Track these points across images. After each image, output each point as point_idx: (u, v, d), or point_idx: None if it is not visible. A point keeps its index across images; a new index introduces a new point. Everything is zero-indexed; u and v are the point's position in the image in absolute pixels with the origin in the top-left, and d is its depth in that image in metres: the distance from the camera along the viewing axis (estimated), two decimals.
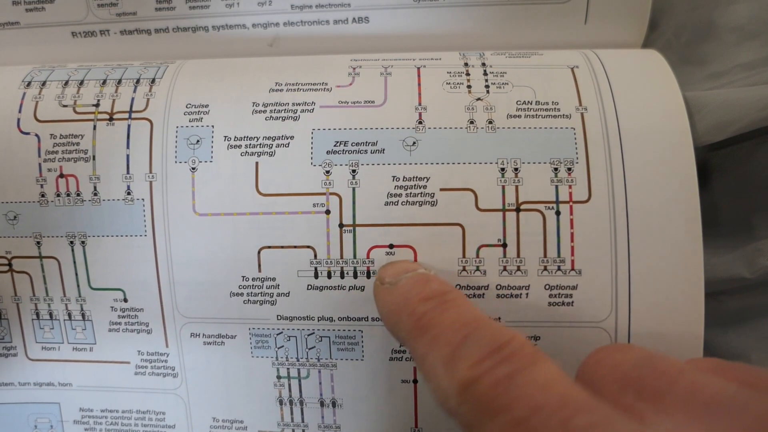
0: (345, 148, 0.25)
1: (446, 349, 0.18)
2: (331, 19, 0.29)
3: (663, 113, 0.25)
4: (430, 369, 0.18)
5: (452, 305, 0.20)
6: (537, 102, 0.25)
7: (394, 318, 0.21)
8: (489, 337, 0.17)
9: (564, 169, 0.24)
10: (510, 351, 0.16)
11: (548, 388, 0.15)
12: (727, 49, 0.29)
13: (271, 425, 0.27)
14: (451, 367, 0.17)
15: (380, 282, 0.23)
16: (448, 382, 0.17)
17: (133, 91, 0.27)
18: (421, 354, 0.19)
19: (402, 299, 0.21)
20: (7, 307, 0.27)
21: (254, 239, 0.25)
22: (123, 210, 0.26)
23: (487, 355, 0.17)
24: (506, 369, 0.16)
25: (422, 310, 0.20)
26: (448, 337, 0.18)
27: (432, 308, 0.20)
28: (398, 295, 0.21)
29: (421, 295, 0.20)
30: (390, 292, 0.22)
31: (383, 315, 0.22)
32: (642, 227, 0.24)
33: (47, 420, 0.28)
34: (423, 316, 0.20)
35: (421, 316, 0.20)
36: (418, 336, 0.19)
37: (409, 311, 0.20)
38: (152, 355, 0.27)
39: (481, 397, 0.16)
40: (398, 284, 0.22)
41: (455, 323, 0.19)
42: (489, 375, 0.16)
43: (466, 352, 0.17)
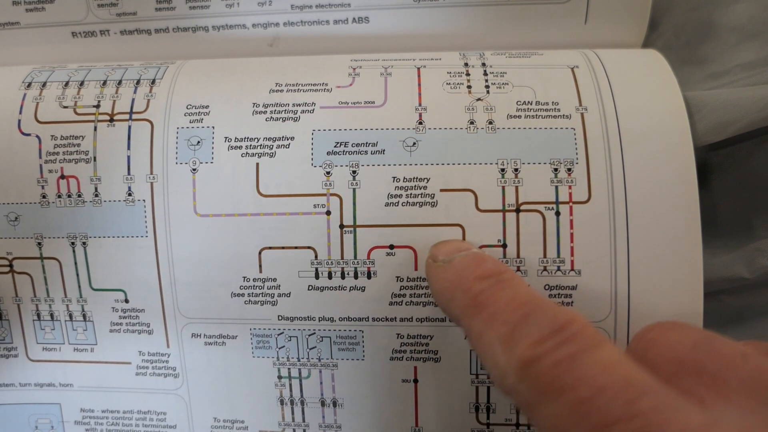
0: (345, 148, 0.25)
1: (504, 328, 0.17)
2: (331, 19, 0.29)
3: (663, 113, 0.25)
4: (486, 347, 0.18)
5: (509, 284, 0.19)
6: (537, 102, 0.25)
7: (448, 295, 0.21)
8: (550, 316, 0.17)
9: (564, 170, 0.24)
10: (572, 332, 0.16)
11: (612, 370, 0.15)
12: (727, 49, 0.29)
13: (271, 425, 0.27)
14: (511, 346, 0.17)
15: (433, 260, 0.23)
16: (507, 360, 0.17)
17: (133, 92, 0.27)
18: (477, 332, 0.18)
19: (457, 277, 0.21)
20: (8, 307, 0.27)
21: (255, 240, 0.25)
22: (124, 211, 0.26)
23: (548, 335, 0.16)
24: (569, 349, 0.16)
25: (478, 288, 0.19)
26: (506, 315, 0.18)
27: (488, 287, 0.19)
28: (453, 273, 0.21)
29: (477, 273, 0.20)
30: (444, 269, 0.22)
31: (436, 292, 0.22)
32: (641, 227, 0.24)
33: (48, 420, 0.28)
34: (479, 294, 0.19)
35: (477, 294, 0.19)
36: (473, 314, 0.19)
37: (465, 288, 0.20)
38: (153, 355, 0.27)
39: (543, 376, 0.16)
40: (453, 262, 0.22)
41: (513, 302, 0.18)
42: (551, 354, 0.16)
43: (527, 331, 0.17)
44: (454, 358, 0.25)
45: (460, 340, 0.25)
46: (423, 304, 0.25)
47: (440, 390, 0.26)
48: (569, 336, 0.16)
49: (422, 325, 0.25)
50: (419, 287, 0.25)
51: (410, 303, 0.25)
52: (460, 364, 0.25)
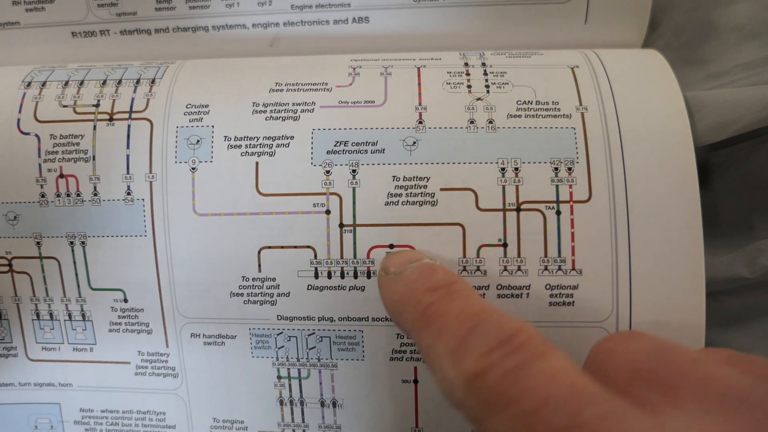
0: (345, 148, 0.25)
1: (452, 341, 0.17)
2: (331, 19, 0.29)
3: (663, 113, 0.25)
4: (435, 361, 0.18)
5: (458, 296, 0.19)
6: (537, 102, 0.25)
7: (399, 308, 0.21)
8: (496, 328, 0.17)
9: (564, 169, 0.24)
10: (518, 343, 0.16)
11: (557, 380, 0.15)
12: (727, 49, 0.29)
13: (271, 425, 0.27)
14: (458, 360, 0.17)
15: (384, 272, 0.23)
16: (455, 374, 0.17)
17: (133, 92, 0.27)
18: (427, 345, 0.18)
19: (407, 289, 0.21)
20: (8, 307, 0.27)
21: (254, 239, 0.25)
22: (123, 210, 0.26)
23: (494, 347, 0.16)
24: (514, 361, 0.16)
25: (428, 301, 0.19)
26: (454, 328, 0.18)
27: (437, 299, 0.19)
28: (403, 286, 0.21)
29: (427, 285, 0.20)
30: (395, 282, 0.22)
31: (388, 306, 0.22)
32: (643, 227, 0.24)
33: (47, 420, 0.28)
34: (428, 307, 0.19)
35: (426, 307, 0.19)
36: (423, 327, 0.19)
37: (415, 302, 0.20)
38: (152, 355, 0.27)
39: (489, 389, 0.16)
40: (403, 274, 0.22)
41: (461, 314, 0.18)
42: (496, 367, 0.16)
43: (473, 344, 0.17)
44: None
45: None
46: None
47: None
48: (515, 347, 0.16)
49: None
50: None
51: None
52: None
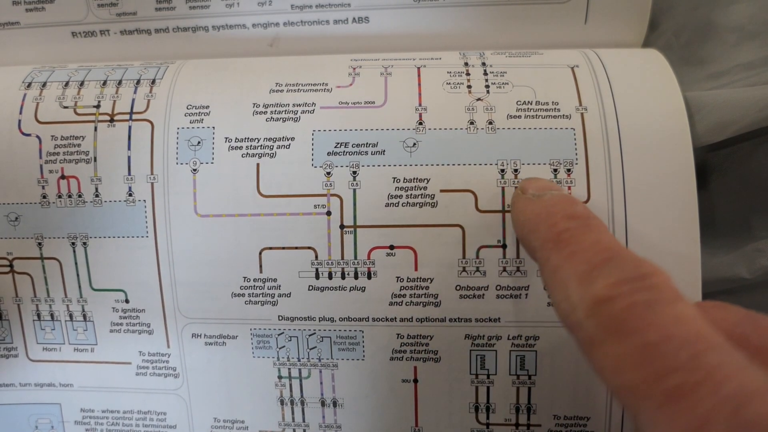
0: (345, 149, 0.25)
1: (583, 266, 0.17)
2: (331, 19, 0.29)
3: (663, 114, 0.25)
4: (560, 281, 0.18)
5: (595, 229, 0.19)
6: (537, 102, 0.25)
7: (531, 226, 0.21)
8: (632, 264, 0.17)
9: (563, 170, 0.24)
10: (651, 282, 0.16)
11: (684, 323, 0.15)
12: (727, 49, 0.29)
13: (272, 425, 0.27)
14: (587, 282, 0.17)
15: (522, 191, 0.23)
16: (580, 295, 0.17)
17: (133, 92, 0.27)
18: (554, 265, 0.18)
19: (544, 211, 0.21)
20: (8, 308, 0.27)
21: (255, 240, 0.25)
22: (124, 211, 0.26)
23: (627, 280, 0.16)
24: (645, 296, 0.15)
25: (564, 226, 0.19)
26: (588, 255, 0.18)
27: (575, 226, 0.19)
28: (541, 207, 0.21)
29: (566, 212, 0.20)
30: (532, 201, 0.22)
31: (519, 222, 0.22)
32: (640, 227, 0.24)
33: (48, 420, 0.28)
34: (564, 232, 0.19)
35: (562, 231, 0.19)
36: (554, 248, 0.19)
37: (551, 223, 0.20)
38: (153, 355, 0.27)
39: (613, 315, 0.15)
40: (543, 197, 0.22)
41: (597, 245, 0.18)
42: (626, 297, 0.16)
43: (606, 272, 0.17)
44: (454, 358, 0.25)
45: (460, 341, 0.25)
46: (423, 304, 0.25)
47: (440, 390, 0.26)
48: (648, 285, 0.16)
49: (422, 325, 0.25)
50: (419, 287, 0.25)
51: (410, 303, 0.25)
52: (460, 364, 0.25)
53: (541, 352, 0.25)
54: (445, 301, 0.25)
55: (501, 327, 0.25)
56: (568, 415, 0.25)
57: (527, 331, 0.25)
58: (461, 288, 0.25)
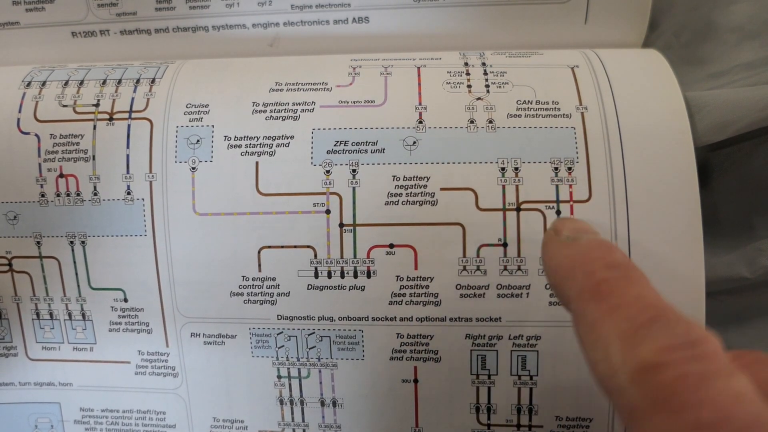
0: (345, 147, 0.25)
1: (627, 324, 0.16)
2: (331, 19, 0.29)
3: (663, 113, 0.25)
4: (599, 338, 0.16)
5: (638, 282, 0.18)
6: (537, 101, 0.25)
7: (566, 273, 0.19)
8: (683, 328, 0.15)
9: (564, 169, 0.24)
10: (705, 350, 0.15)
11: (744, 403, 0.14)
12: (727, 49, 0.29)
13: (271, 425, 0.27)
14: (632, 344, 0.15)
15: (555, 233, 0.21)
16: (623, 358, 0.15)
17: (133, 91, 0.27)
18: (592, 319, 0.17)
19: (581, 257, 0.19)
20: (8, 307, 0.27)
21: (254, 239, 0.25)
22: (123, 210, 0.26)
23: (679, 346, 0.15)
24: (699, 367, 0.14)
25: (603, 276, 0.18)
26: (632, 311, 0.16)
27: (615, 277, 0.18)
28: (577, 252, 0.20)
29: (606, 260, 0.18)
30: (567, 246, 0.20)
31: (551, 267, 0.20)
32: (642, 226, 0.24)
33: (48, 420, 0.28)
34: (604, 282, 0.17)
35: (601, 281, 0.18)
36: (592, 299, 0.17)
37: (589, 271, 0.18)
38: (152, 354, 0.27)
39: (664, 386, 0.14)
40: (579, 241, 0.20)
41: (640, 300, 0.17)
42: (677, 366, 0.14)
43: (653, 334, 0.15)
44: (455, 358, 0.25)
45: (461, 340, 0.25)
46: (423, 304, 0.25)
47: (440, 390, 0.26)
48: (701, 353, 0.15)
49: (422, 324, 0.25)
50: (419, 286, 0.25)
51: (410, 302, 0.25)
52: (460, 364, 0.25)
53: (543, 352, 0.25)
54: (446, 300, 0.25)
55: (502, 327, 0.25)
56: (570, 416, 0.25)
57: (529, 330, 0.25)
58: (462, 287, 0.25)
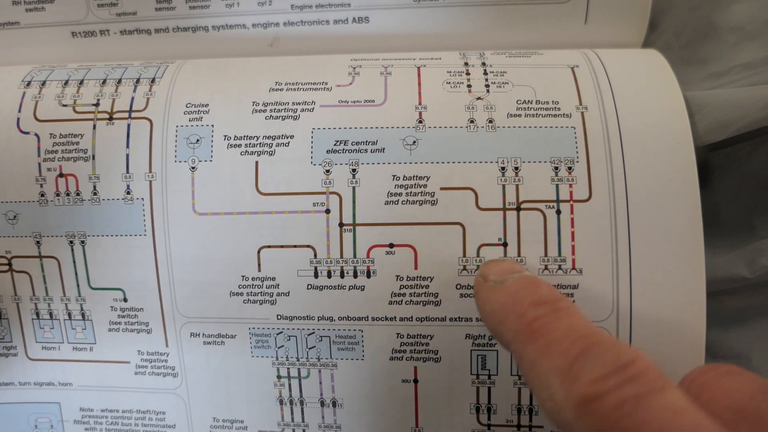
0: (345, 147, 0.25)
1: (562, 360, 0.17)
2: (331, 19, 0.29)
3: (663, 113, 0.25)
4: (540, 377, 0.17)
5: (566, 314, 0.18)
6: (537, 101, 0.25)
7: (500, 318, 0.20)
8: (613, 353, 0.16)
9: (564, 168, 0.24)
10: (636, 371, 0.15)
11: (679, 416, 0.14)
12: (727, 49, 0.29)
13: (271, 425, 0.27)
14: (569, 379, 0.16)
15: (483, 278, 0.22)
16: (565, 394, 0.16)
17: (133, 91, 0.27)
18: (530, 359, 0.18)
19: (510, 300, 0.20)
20: (7, 306, 0.27)
21: (254, 238, 0.25)
22: (122, 209, 0.26)
23: (611, 373, 0.15)
24: (633, 389, 0.15)
25: (533, 315, 0.18)
26: (564, 346, 0.17)
27: (544, 314, 0.18)
28: (506, 295, 0.20)
29: (532, 298, 0.19)
30: (496, 291, 0.21)
31: (486, 313, 0.21)
32: (643, 226, 0.24)
33: (47, 420, 0.28)
34: (534, 321, 0.18)
35: (532, 320, 0.18)
36: (527, 341, 0.18)
37: (519, 313, 0.19)
38: (152, 354, 0.27)
39: (605, 415, 0.15)
40: (506, 283, 0.21)
41: (571, 333, 0.17)
42: (615, 393, 0.15)
43: (588, 366, 0.16)
44: (455, 358, 0.25)
45: (461, 340, 0.25)
46: (423, 304, 0.25)
47: (441, 390, 0.26)
48: (633, 375, 0.15)
49: (422, 324, 0.25)
50: (419, 286, 0.25)
51: (410, 302, 0.25)
52: (460, 365, 0.25)
53: None
54: (446, 300, 0.25)
55: None
56: None
57: None
58: (462, 287, 0.25)
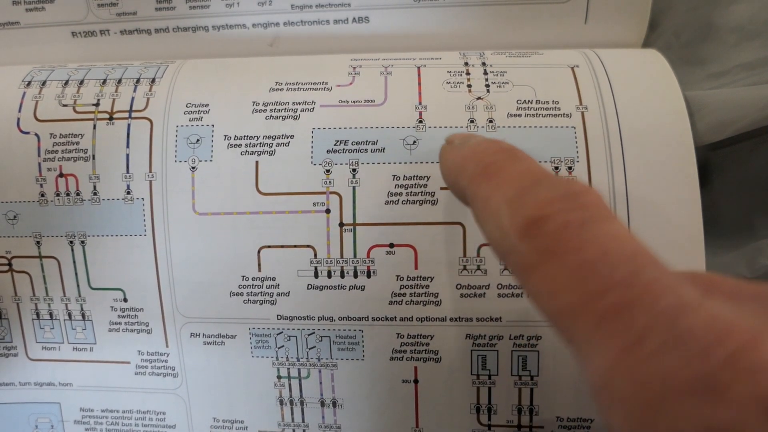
0: (345, 147, 0.25)
1: (513, 191, 0.16)
2: (331, 18, 0.29)
3: (663, 113, 0.25)
4: (491, 209, 0.17)
5: (523, 159, 0.18)
6: (537, 101, 0.25)
7: (458, 168, 0.20)
8: (563, 183, 0.16)
9: (564, 168, 0.24)
10: (584, 201, 0.15)
11: (621, 241, 0.14)
12: (727, 49, 0.29)
13: (271, 425, 0.27)
14: (517, 205, 0.16)
15: (448, 143, 0.22)
16: (511, 219, 0.16)
17: (133, 91, 0.27)
18: (484, 196, 0.17)
19: (470, 152, 0.20)
20: (8, 306, 0.27)
21: (254, 238, 0.25)
22: (123, 209, 0.26)
23: (559, 198, 0.15)
24: (579, 215, 0.15)
25: (491, 159, 0.18)
26: (516, 181, 0.17)
27: (501, 159, 0.18)
28: (467, 149, 0.20)
29: (491, 149, 0.19)
30: (459, 148, 0.21)
31: (447, 168, 0.21)
32: (643, 226, 0.24)
33: (48, 420, 0.28)
34: (492, 164, 0.18)
35: (489, 163, 0.18)
36: (482, 181, 0.18)
37: (477, 160, 0.19)
38: (152, 355, 0.27)
39: (548, 236, 0.15)
40: (468, 142, 0.21)
41: (525, 171, 0.17)
42: (559, 215, 0.15)
43: (536, 193, 0.16)
44: (455, 358, 0.25)
45: (461, 340, 0.25)
46: (423, 304, 0.25)
47: (441, 390, 0.26)
48: (582, 204, 0.15)
49: (423, 324, 0.25)
50: (419, 286, 0.25)
51: (410, 302, 0.25)
52: (461, 365, 0.25)
53: (544, 352, 0.25)
54: (446, 300, 0.25)
55: (502, 326, 0.25)
56: (571, 416, 0.25)
57: (529, 330, 0.25)
58: (462, 287, 0.25)
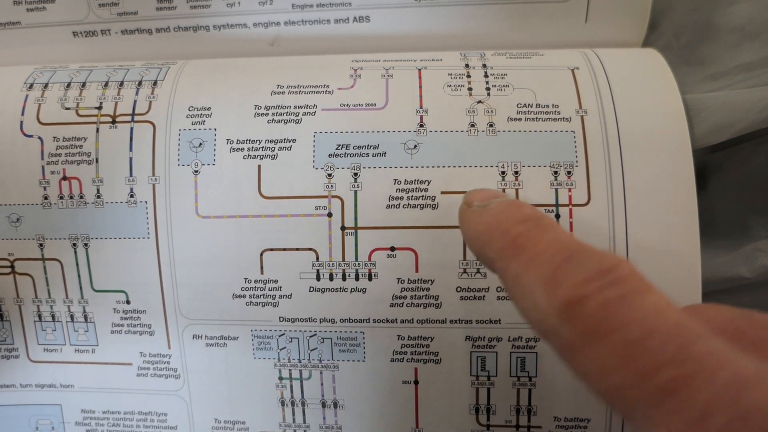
0: (347, 151, 0.25)
1: (546, 269, 0.16)
2: (332, 18, 0.29)
3: (662, 116, 0.25)
4: (525, 288, 0.17)
5: (550, 228, 0.18)
6: (537, 105, 0.25)
7: (484, 238, 0.20)
8: (596, 259, 0.16)
9: (564, 173, 0.24)
10: (619, 275, 0.15)
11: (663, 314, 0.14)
12: (726, 50, 0.29)
13: (272, 426, 0.27)
14: (553, 286, 0.16)
15: (467, 205, 0.22)
16: (549, 301, 0.16)
17: (135, 94, 0.27)
18: (515, 274, 0.17)
19: (494, 220, 0.20)
20: (10, 308, 0.27)
21: (256, 241, 0.25)
22: (126, 212, 0.26)
23: (594, 276, 0.15)
24: (617, 291, 0.15)
25: (517, 231, 0.18)
26: (548, 257, 0.17)
27: (528, 230, 0.18)
28: (490, 216, 0.20)
29: (516, 217, 0.19)
30: (480, 213, 0.20)
31: (471, 237, 0.21)
32: (640, 230, 0.24)
33: (49, 421, 0.28)
34: (519, 237, 0.18)
35: (516, 236, 0.18)
36: (511, 256, 0.18)
37: (503, 231, 0.19)
38: (154, 356, 0.27)
39: (589, 317, 0.15)
40: (489, 206, 0.20)
41: (554, 244, 0.17)
42: (598, 295, 0.15)
43: (571, 272, 0.16)
44: (455, 359, 0.25)
45: (461, 342, 0.25)
46: (424, 306, 0.25)
47: (441, 391, 0.26)
48: (617, 278, 0.15)
49: (423, 326, 0.25)
50: (420, 289, 0.25)
51: (411, 305, 0.25)
52: (460, 366, 0.26)
53: (542, 354, 0.25)
54: (446, 302, 0.25)
55: (501, 328, 0.25)
56: (568, 416, 0.26)
57: (528, 332, 0.25)
58: (462, 289, 0.25)
